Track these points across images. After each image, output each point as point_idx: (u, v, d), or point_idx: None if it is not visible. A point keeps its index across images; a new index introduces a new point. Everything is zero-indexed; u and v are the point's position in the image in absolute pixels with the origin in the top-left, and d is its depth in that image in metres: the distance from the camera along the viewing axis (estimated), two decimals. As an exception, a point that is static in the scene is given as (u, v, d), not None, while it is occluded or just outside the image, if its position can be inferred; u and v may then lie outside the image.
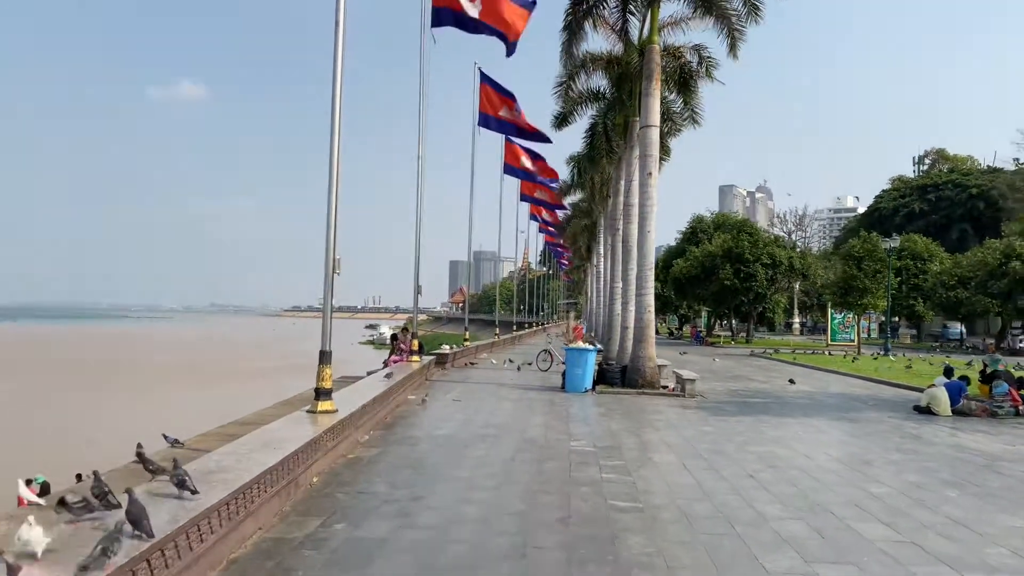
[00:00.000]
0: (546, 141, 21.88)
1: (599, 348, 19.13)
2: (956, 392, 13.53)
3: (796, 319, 62.73)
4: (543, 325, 69.59)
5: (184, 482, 4.39)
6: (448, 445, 8.97)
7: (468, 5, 14.25)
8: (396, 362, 16.07)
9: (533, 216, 40.85)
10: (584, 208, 45.00)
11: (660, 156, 18.10)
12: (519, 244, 65.58)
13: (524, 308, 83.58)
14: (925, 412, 13.32)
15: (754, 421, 11.95)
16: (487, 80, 20.47)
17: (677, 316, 67.94)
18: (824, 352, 35.11)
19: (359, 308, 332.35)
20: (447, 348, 22.53)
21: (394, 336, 19.02)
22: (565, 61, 19.30)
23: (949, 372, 14.56)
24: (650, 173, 16.36)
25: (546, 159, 27.20)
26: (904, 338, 56.28)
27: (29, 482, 9.82)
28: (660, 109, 16.69)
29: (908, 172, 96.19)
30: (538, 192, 30.94)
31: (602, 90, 21.98)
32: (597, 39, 19.65)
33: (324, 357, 8.16)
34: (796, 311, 60.69)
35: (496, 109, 20.53)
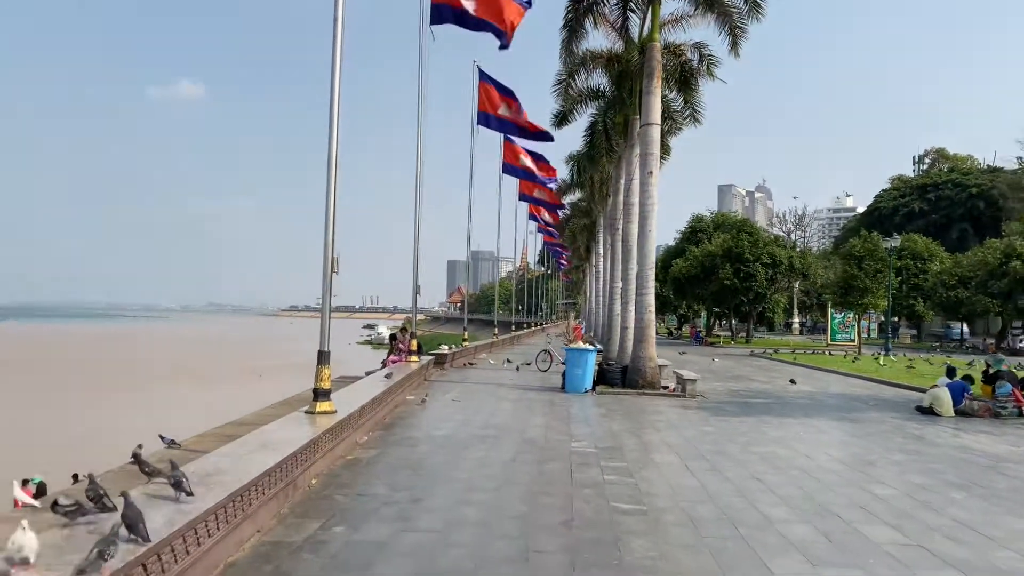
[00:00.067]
0: (548, 139, 21.75)
1: (599, 348, 19.04)
2: (959, 392, 13.47)
3: (796, 319, 62.77)
4: (542, 325, 69.40)
5: (181, 484, 4.32)
6: (448, 446, 8.89)
7: (466, 2, 14.16)
8: (395, 362, 15.98)
9: (532, 216, 40.73)
10: (583, 207, 44.91)
11: (660, 155, 18.03)
12: (518, 244, 65.43)
13: (523, 308, 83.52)
14: (927, 412, 13.26)
15: (756, 422, 11.88)
16: (486, 78, 20.34)
17: (676, 316, 67.97)
18: (824, 352, 35.08)
19: (357, 308, 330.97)
20: (446, 348, 22.42)
21: (392, 336, 18.94)
22: (565, 59, 19.25)
23: (952, 372, 14.49)
24: (651, 172, 16.29)
25: (546, 159, 27.08)
26: (904, 338, 56.30)
27: (26, 483, 9.76)
28: (661, 107, 16.62)
29: (908, 171, 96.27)
30: (537, 191, 30.78)
31: (602, 88, 21.92)
32: (597, 37, 19.64)
33: (322, 357, 8.08)
34: (796, 311, 60.70)
35: (495, 107, 20.41)
